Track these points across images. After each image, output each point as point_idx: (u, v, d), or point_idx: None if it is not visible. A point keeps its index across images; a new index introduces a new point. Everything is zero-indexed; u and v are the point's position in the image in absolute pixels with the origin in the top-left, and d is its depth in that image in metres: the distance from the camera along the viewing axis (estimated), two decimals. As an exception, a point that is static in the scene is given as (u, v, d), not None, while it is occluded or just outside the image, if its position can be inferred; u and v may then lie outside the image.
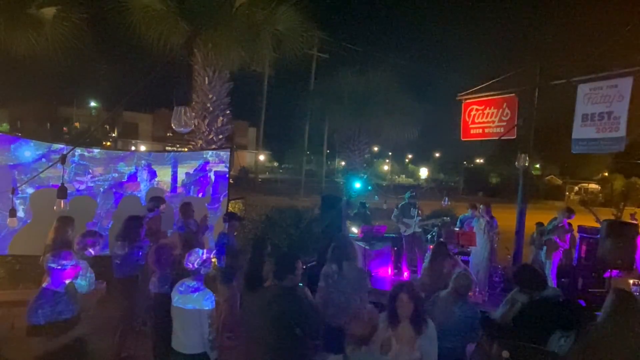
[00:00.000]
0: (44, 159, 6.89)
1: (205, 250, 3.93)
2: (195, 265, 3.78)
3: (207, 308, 3.69)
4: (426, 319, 3.48)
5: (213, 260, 4.23)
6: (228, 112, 10.50)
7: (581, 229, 9.10)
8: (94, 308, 4.09)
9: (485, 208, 8.68)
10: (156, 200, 6.62)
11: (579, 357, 3.38)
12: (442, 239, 9.03)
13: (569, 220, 8.44)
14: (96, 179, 7.42)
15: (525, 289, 4.04)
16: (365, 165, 16.99)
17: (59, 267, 3.34)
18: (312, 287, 4.51)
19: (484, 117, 9.33)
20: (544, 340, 3.50)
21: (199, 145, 10.00)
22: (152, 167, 7.87)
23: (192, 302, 3.69)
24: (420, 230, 9.05)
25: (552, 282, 8.04)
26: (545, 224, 8.78)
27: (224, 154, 8.52)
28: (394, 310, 3.43)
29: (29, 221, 6.81)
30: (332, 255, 4.68)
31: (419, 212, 9.05)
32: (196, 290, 3.75)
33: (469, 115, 9.69)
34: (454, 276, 4.30)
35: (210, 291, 3.80)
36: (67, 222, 5.34)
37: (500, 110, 8.94)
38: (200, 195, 8.15)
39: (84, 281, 4.10)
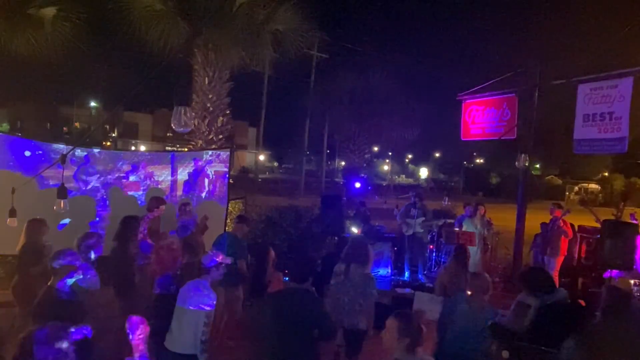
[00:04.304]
0: (44, 159, 6.88)
1: (220, 254, 3.94)
2: (208, 265, 3.80)
3: (206, 309, 3.69)
4: None
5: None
6: (228, 112, 10.50)
7: (581, 229, 9.10)
8: (99, 309, 4.08)
9: (474, 207, 8.74)
10: (156, 200, 6.61)
11: (578, 357, 3.38)
12: (447, 242, 9.06)
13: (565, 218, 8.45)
14: (96, 178, 7.41)
15: (536, 292, 3.88)
16: (365, 165, 17.01)
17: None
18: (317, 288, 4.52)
19: (484, 117, 9.32)
20: (558, 344, 3.44)
21: (199, 145, 10.00)
22: (152, 167, 7.87)
23: (194, 301, 3.70)
24: (422, 230, 9.06)
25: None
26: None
27: (224, 154, 8.51)
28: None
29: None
30: (344, 255, 4.72)
31: (424, 212, 9.04)
32: (200, 290, 3.76)
33: (469, 115, 9.69)
34: (469, 278, 4.30)
35: (213, 292, 3.80)
36: (39, 225, 5.15)
37: (500, 110, 8.94)
38: (200, 195, 8.14)
39: (83, 283, 4.09)
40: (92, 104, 44.69)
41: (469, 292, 4.14)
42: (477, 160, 53.72)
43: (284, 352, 3.60)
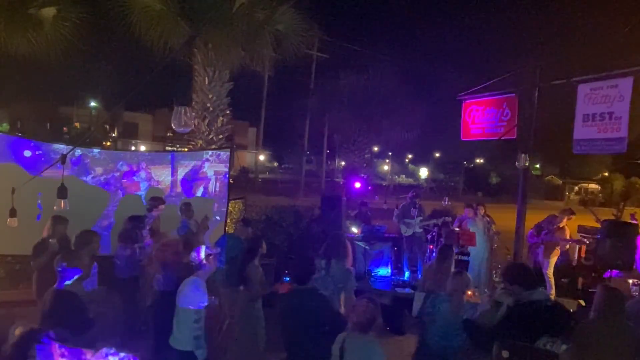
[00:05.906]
0: (44, 159, 6.88)
1: (207, 248, 3.97)
2: (197, 261, 3.83)
3: (197, 307, 3.74)
4: None
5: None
6: (228, 112, 10.50)
7: (581, 229, 9.10)
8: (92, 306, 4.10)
9: (474, 209, 8.73)
10: (155, 200, 6.61)
11: (572, 355, 3.38)
12: (446, 242, 9.04)
13: (567, 221, 8.44)
14: (96, 179, 7.42)
15: (514, 286, 3.84)
16: (365, 165, 17.00)
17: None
18: None
19: (484, 117, 9.31)
20: (529, 342, 3.46)
21: (199, 145, 9.99)
22: (152, 167, 7.87)
23: (186, 300, 3.75)
24: (421, 230, 9.04)
25: (547, 281, 8.07)
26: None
27: (224, 154, 8.52)
28: None
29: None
30: (324, 251, 4.85)
31: (421, 212, 9.03)
32: (192, 288, 3.79)
33: (469, 115, 9.68)
34: (450, 276, 4.33)
35: (205, 291, 3.83)
36: (61, 221, 5.25)
37: (500, 110, 8.93)
38: (200, 195, 8.15)
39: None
40: (92, 104, 44.69)
41: (448, 290, 4.18)
42: (477, 160, 53.71)
43: (296, 351, 3.66)
